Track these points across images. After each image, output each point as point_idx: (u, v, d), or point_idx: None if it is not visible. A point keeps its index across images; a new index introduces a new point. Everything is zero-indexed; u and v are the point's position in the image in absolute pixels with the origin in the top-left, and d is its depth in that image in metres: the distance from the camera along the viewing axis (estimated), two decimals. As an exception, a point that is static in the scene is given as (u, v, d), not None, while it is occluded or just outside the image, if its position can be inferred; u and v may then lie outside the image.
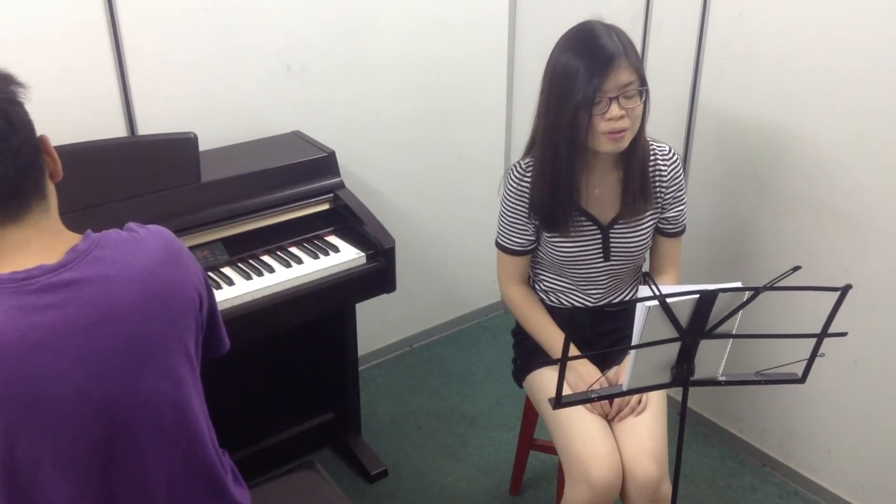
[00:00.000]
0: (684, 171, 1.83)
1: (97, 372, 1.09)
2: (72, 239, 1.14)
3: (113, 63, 2.04)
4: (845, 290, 1.29)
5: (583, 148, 1.69)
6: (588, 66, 1.60)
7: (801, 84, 2.00)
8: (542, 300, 1.93)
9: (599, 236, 1.81)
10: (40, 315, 1.06)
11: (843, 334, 1.35)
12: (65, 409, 1.08)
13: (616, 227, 1.81)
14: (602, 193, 1.80)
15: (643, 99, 1.65)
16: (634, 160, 1.75)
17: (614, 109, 1.61)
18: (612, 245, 1.82)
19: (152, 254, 1.17)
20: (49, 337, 1.06)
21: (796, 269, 1.32)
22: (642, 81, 1.65)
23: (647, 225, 1.83)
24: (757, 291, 1.28)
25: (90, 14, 1.97)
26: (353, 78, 2.47)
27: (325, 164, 2.18)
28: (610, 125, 1.63)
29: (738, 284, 1.29)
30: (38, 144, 1.12)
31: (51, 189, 1.15)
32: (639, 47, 2.33)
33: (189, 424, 1.22)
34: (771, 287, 1.27)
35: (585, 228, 1.80)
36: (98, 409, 1.11)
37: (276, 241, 2.06)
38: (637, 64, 1.64)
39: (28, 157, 1.09)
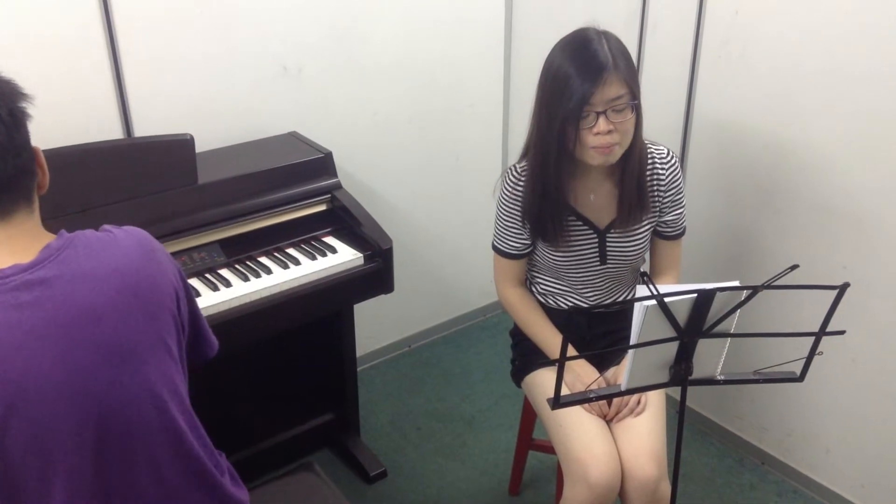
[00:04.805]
0: (682, 171, 1.82)
1: (78, 370, 1.09)
2: (47, 238, 1.14)
3: (109, 65, 2.03)
4: (843, 288, 1.29)
5: (574, 156, 1.68)
6: (577, 76, 1.57)
7: (797, 83, 2.00)
8: (539, 302, 1.93)
9: (596, 240, 1.80)
10: (17, 314, 1.05)
11: (842, 332, 1.35)
12: (49, 408, 1.08)
13: (612, 232, 1.80)
14: (598, 199, 1.79)
15: (634, 112, 1.63)
16: (629, 170, 1.72)
17: (601, 124, 1.59)
18: (608, 249, 1.81)
19: (127, 250, 1.17)
20: (27, 336, 1.06)
21: (794, 267, 1.32)
22: (633, 95, 1.61)
23: (644, 230, 1.82)
24: (755, 290, 1.28)
25: (86, 16, 1.97)
26: (350, 79, 2.47)
27: (322, 164, 2.17)
28: (598, 140, 1.60)
29: (736, 283, 1.29)
30: (33, 153, 1.15)
31: (36, 199, 1.16)
32: (635, 48, 2.33)
33: (173, 421, 1.21)
34: (769, 286, 1.27)
35: (582, 233, 1.79)
36: (83, 408, 1.10)
37: (274, 242, 2.05)
38: (628, 76, 1.60)
39: (25, 160, 1.12)
